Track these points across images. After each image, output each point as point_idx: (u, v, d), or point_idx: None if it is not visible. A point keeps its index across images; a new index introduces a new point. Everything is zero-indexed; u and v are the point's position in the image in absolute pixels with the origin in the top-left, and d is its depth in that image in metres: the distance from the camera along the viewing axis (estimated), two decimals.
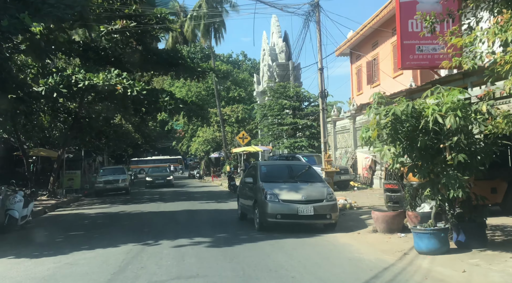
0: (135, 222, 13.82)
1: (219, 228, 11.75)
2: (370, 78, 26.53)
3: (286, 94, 27.81)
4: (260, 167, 11.84)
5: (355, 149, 23.10)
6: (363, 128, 8.68)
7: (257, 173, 11.59)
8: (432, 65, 12.14)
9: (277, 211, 10.32)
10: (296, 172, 11.79)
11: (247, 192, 11.98)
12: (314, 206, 10.27)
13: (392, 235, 9.45)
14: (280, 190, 10.69)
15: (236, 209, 15.05)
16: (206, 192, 26.19)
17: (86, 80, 18.43)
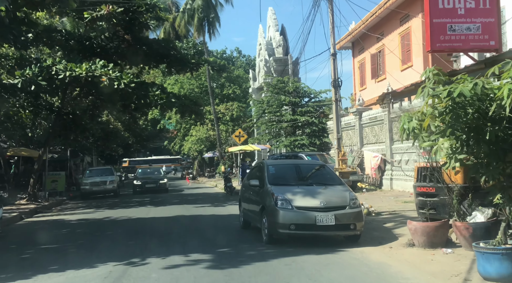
0: (120, 231, 11.85)
1: (220, 239, 9.83)
2: (375, 72, 24.75)
3: (285, 89, 25.93)
4: (267, 167, 9.92)
5: (361, 147, 21.27)
6: (404, 118, 6.80)
7: (263, 174, 9.69)
8: (466, 48, 10.38)
9: (291, 220, 8.43)
10: (310, 172, 9.91)
11: (252, 196, 10.08)
12: (336, 214, 8.39)
13: (435, 251, 7.59)
14: (293, 194, 8.80)
15: (237, 214, 13.19)
16: (201, 194, 24.25)
17: (67, 71, 16.45)
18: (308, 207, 8.49)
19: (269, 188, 9.12)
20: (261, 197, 9.34)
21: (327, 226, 8.36)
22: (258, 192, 9.59)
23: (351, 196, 8.86)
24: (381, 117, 19.38)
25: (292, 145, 24.54)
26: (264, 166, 9.98)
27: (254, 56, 51.66)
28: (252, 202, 10.00)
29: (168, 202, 19.90)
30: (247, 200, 10.52)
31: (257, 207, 9.49)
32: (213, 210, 16.02)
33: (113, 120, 30.91)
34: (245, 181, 11.42)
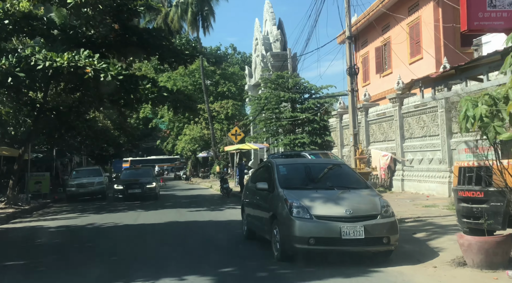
0: (103, 242, 10.10)
1: (221, 255, 8.14)
2: (380, 66, 23.17)
3: (284, 85, 24.25)
4: (277, 167, 8.23)
5: (368, 145, 19.65)
6: (465, 102, 5.15)
7: (273, 176, 8.01)
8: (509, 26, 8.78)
9: (310, 233, 6.77)
10: (328, 173, 8.22)
11: (259, 201, 8.40)
12: (365, 225, 6.74)
13: (497, 273, 5.96)
14: (311, 200, 7.13)
15: (237, 220, 11.59)
16: (195, 196, 22.52)
17: (47, 61, 14.68)
18: (330, 216, 6.83)
19: (281, 192, 7.44)
20: (271, 203, 7.67)
21: (355, 240, 6.70)
22: (267, 197, 7.91)
23: (382, 202, 7.20)
24: (391, 113, 17.78)
25: (292, 143, 22.85)
26: (273, 166, 8.28)
27: (250, 53, 50.00)
28: (259, 209, 8.32)
29: (160, 205, 18.16)
30: (253, 206, 8.83)
31: (266, 215, 7.81)
32: (210, 215, 14.32)
33: (102, 118, 29.06)
34: (249, 183, 9.73)
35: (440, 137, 14.86)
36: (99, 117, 28.75)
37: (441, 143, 14.81)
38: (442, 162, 14.78)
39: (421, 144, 16.04)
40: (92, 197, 22.38)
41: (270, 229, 7.59)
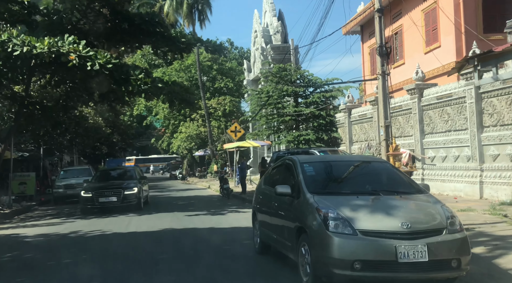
0: (85, 258, 8.24)
1: (229, 277, 6.34)
2: (391, 57, 21.31)
3: (286, 78, 22.47)
4: (302, 165, 6.41)
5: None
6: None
7: (297, 177, 6.22)
8: None
9: (355, 255, 4.98)
10: (367, 173, 6.45)
11: (278, 209, 6.59)
12: (429, 243, 4.97)
13: None
14: (353, 209, 5.34)
15: (243, 227, 9.95)
16: (193, 197, 20.69)
17: (25, 47, 12.79)
18: (381, 232, 5.04)
19: (310, 198, 5.65)
20: (297, 212, 5.87)
21: (416, 264, 4.92)
22: (290, 204, 6.10)
23: (446, 211, 5.42)
24: (408, 106, 16.04)
25: (296, 140, 21.09)
26: (296, 164, 6.47)
27: (248, 48, 48.24)
28: (279, 218, 6.52)
29: (154, 209, 16.32)
30: (269, 214, 7.02)
31: (289, 227, 6.02)
32: (211, 220, 12.50)
33: (93, 115, 27.13)
34: (262, 185, 7.92)
35: (468, 131, 13.12)
36: (90, 113, 26.84)
37: (469, 138, 13.07)
38: (471, 159, 13.04)
39: (445, 140, 14.30)
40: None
41: (295, 246, 5.80)
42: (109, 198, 15.19)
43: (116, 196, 15.19)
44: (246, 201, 17.31)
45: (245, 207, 15.45)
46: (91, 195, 15.24)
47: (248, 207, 15.55)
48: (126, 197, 15.23)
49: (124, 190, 15.35)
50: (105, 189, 15.49)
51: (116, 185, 15.85)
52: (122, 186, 15.61)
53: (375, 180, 6.26)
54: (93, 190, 15.39)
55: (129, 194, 15.34)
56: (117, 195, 15.20)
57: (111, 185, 15.99)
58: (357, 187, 6.07)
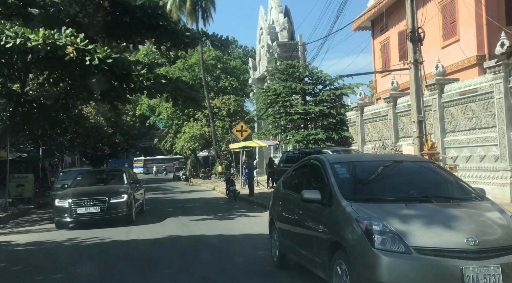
0: (78, 273, 7.20)
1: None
2: (404, 52, 20.23)
3: (294, 75, 21.45)
4: (332, 166, 5.34)
5: (397, 141, 16.85)
6: None
7: (328, 180, 5.17)
8: None
9: (409, 279, 3.95)
10: (411, 175, 5.40)
11: (303, 218, 5.54)
12: (503, 265, 3.93)
13: None
14: (403, 220, 4.30)
15: (254, 235, 8.95)
16: (198, 200, 19.65)
17: (18, 38, 11.82)
18: (442, 249, 4.00)
19: (347, 207, 4.61)
20: (330, 223, 4.82)
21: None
22: (321, 212, 5.06)
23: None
24: (427, 102, 14.95)
25: (306, 140, 20.05)
26: (325, 165, 5.41)
27: (252, 47, 47.19)
28: (304, 228, 5.47)
29: (157, 213, 15.31)
30: (291, 223, 5.97)
31: (320, 240, 4.98)
32: (219, 226, 11.45)
33: (95, 114, 26.15)
34: (280, 189, 6.86)
35: (496, 129, 12.05)
36: (91, 113, 25.87)
37: (498, 136, 12.00)
38: (500, 159, 11.97)
39: (469, 138, 13.23)
40: None
41: (328, 264, 4.76)
42: (90, 208, 11.78)
43: (100, 206, 11.79)
44: (254, 204, 16.29)
45: (253, 211, 14.43)
46: (67, 204, 11.77)
47: (257, 210, 14.54)
48: (113, 206, 11.86)
49: (110, 198, 11.91)
50: (85, 196, 12.02)
51: (100, 192, 12.50)
52: (107, 193, 12.24)
53: (422, 184, 5.21)
54: (70, 198, 11.90)
55: (117, 202, 11.94)
56: (101, 204, 11.81)
57: (94, 191, 12.62)
58: (401, 192, 5.02)
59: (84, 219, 11.90)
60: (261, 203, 15.87)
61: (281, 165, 16.81)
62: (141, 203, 14.47)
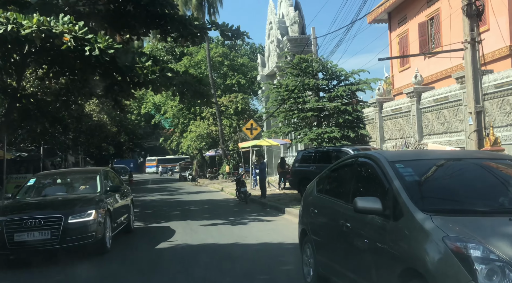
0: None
1: None
2: (425, 45, 18.95)
3: (307, 70, 20.15)
4: (393, 165, 4.04)
5: (421, 139, 15.52)
6: None
7: (389, 184, 3.89)
8: None
9: None
10: (499, 178, 4.10)
11: (355, 232, 4.25)
12: None
13: None
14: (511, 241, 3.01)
15: (276, 243, 7.73)
16: (206, 202, 18.40)
17: (9, 24, 10.63)
18: None
19: (427, 221, 3.34)
20: (398, 241, 3.54)
21: None
22: (383, 227, 3.78)
23: None
24: (456, 96, 13.65)
25: (319, 138, 18.72)
26: (383, 164, 4.12)
27: (259, 44, 45.89)
28: (356, 247, 4.18)
29: (163, 215, 14.09)
30: (334, 237, 4.69)
31: (384, 265, 3.69)
32: (232, 233, 10.18)
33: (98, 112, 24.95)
34: (314, 193, 5.57)
35: None
36: (94, 110, 24.68)
37: None
38: None
39: (507, 135, 11.89)
40: None
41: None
42: (35, 232, 7.45)
43: (51, 229, 7.52)
44: (267, 207, 15.03)
45: (267, 214, 13.17)
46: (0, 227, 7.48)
47: (271, 214, 13.27)
48: (72, 229, 7.62)
49: (68, 216, 7.68)
50: (28, 214, 7.81)
51: (53, 206, 8.25)
52: (64, 208, 7.98)
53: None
54: (4, 216, 7.70)
55: (78, 223, 7.70)
56: (53, 226, 7.53)
57: (45, 204, 8.45)
58: (490, 200, 3.73)
59: (27, 250, 7.56)
60: (274, 205, 14.62)
61: (296, 164, 15.53)
62: (127, 218, 10.09)
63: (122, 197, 10.09)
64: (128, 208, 10.51)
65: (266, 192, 17.05)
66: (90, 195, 8.80)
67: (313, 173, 14.51)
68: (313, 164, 14.62)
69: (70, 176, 10.59)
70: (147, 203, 18.83)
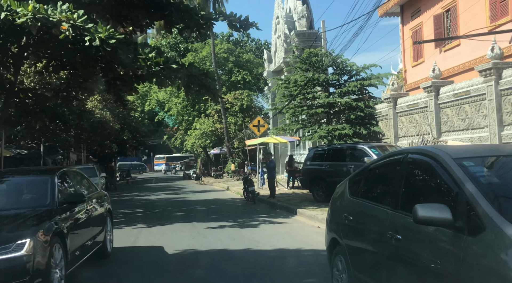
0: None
1: None
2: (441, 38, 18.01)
3: (317, 65, 19.27)
4: (461, 164, 3.16)
5: (439, 136, 14.63)
6: None
7: (459, 187, 3.03)
8: None
9: None
10: None
11: (406, 245, 3.39)
12: None
13: None
14: None
15: (292, 250, 7.04)
16: (212, 201, 17.56)
17: (2, 12, 9.83)
18: None
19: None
20: (481, 263, 2.68)
21: None
22: (454, 242, 2.91)
23: None
24: (479, 90, 12.75)
25: (330, 135, 17.86)
26: (447, 163, 3.22)
27: (265, 40, 45.03)
28: (412, 265, 3.32)
29: (167, 216, 13.28)
30: (378, 251, 3.82)
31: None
32: (243, 236, 9.33)
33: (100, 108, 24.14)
34: (347, 196, 4.71)
35: None
36: (97, 107, 23.87)
37: None
38: None
39: None
40: None
41: None
42: None
43: None
44: (277, 207, 14.19)
45: (278, 216, 12.33)
46: None
47: (281, 215, 12.42)
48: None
49: None
50: None
51: None
52: None
53: None
54: None
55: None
56: None
57: None
58: None
59: None
60: (285, 206, 13.77)
61: (308, 163, 14.66)
62: (99, 237, 7.25)
63: (91, 210, 7.04)
64: (101, 221, 7.41)
65: (275, 191, 16.20)
66: (31, 212, 5.64)
67: (326, 171, 13.66)
68: (326, 162, 13.77)
69: (7, 180, 6.90)
70: (150, 203, 18.03)
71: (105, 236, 7.56)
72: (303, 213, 11.87)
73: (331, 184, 13.31)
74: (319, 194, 13.70)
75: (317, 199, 13.65)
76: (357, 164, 12.52)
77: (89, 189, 7.62)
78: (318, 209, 11.81)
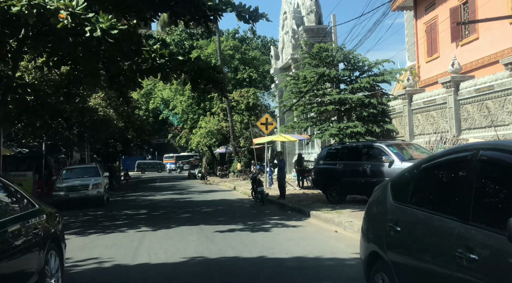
0: None
1: None
2: (457, 32, 17.16)
3: (328, 60, 18.45)
4: None
5: (459, 133, 13.78)
6: None
7: None
8: None
9: None
10: None
11: (485, 266, 2.59)
12: None
13: None
14: None
15: (312, 258, 6.39)
16: (219, 202, 16.77)
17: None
18: None
19: None
20: None
21: None
22: None
23: None
24: (504, 85, 11.91)
25: (342, 133, 17.04)
26: None
27: (271, 37, 44.18)
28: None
29: (173, 218, 12.52)
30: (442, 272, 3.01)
31: None
32: (256, 242, 8.52)
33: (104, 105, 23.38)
34: (391, 203, 3.90)
35: None
36: (100, 104, 23.12)
37: None
38: None
39: None
40: (86, 204, 16.68)
41: None
42: None
43: None
44: (288, 209, 13.39)
45: (290, 218, 11.53)
46: None
47: (294, 218, 11.61)
48: None
49: None
50: None
51: None
52: None
53: None
54: None
55: None
56: None
57: None
58: None
59: None
60: (296, 207, 12.97)
61: (321, 162, 13.83)
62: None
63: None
64: (30, 262, 4.50)
65: (285, 192, 15.40)
66: None
67: (340, 171, 12.82)
68: (340, 161, 12.93)
69: None
70: (155, 203, 17.29)
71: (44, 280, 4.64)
72: (318, 216, 11.07)
73: (345, 184, 12.53)
74: (333, 195, 12.89)
75: (330, 200, 12.83)
76: (374, 163, 11.74)
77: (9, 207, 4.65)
78: (333, 211, 11.01)
